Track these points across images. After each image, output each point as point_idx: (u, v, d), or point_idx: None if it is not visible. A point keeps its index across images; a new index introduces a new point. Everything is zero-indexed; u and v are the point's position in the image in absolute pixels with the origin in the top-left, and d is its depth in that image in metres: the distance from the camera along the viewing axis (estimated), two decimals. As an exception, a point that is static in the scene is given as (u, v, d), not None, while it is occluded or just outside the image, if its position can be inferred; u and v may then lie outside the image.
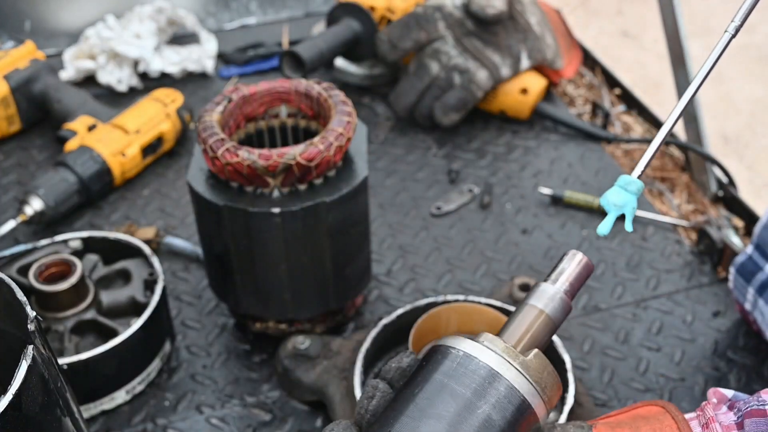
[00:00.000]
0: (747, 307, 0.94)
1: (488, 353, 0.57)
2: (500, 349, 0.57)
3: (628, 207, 0.91)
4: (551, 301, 0.62)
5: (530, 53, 1.34)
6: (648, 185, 1.27)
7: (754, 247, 0.92)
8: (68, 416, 0.58)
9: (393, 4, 1.39)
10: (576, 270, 0.65)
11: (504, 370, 0.57)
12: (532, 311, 0.62)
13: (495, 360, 0.57)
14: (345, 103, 0.87)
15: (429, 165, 1.29)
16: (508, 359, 0.57)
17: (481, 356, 0.57)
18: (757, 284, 0.91)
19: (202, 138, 0.83)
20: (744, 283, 0.93)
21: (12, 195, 1.24)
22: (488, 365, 0.56)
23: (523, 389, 0.57)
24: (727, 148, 2.91)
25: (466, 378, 0.56)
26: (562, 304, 0.63)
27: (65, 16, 1.55)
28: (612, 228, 0.83)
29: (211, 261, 0.93)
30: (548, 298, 0.62)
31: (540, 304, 0.62)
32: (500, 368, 0.57)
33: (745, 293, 0.93)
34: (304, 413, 0.91)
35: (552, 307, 0.62)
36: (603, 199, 0.92)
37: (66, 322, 0.90)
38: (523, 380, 0.57)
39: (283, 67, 1.33)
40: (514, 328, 0.61)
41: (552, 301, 0.62)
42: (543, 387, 0.58)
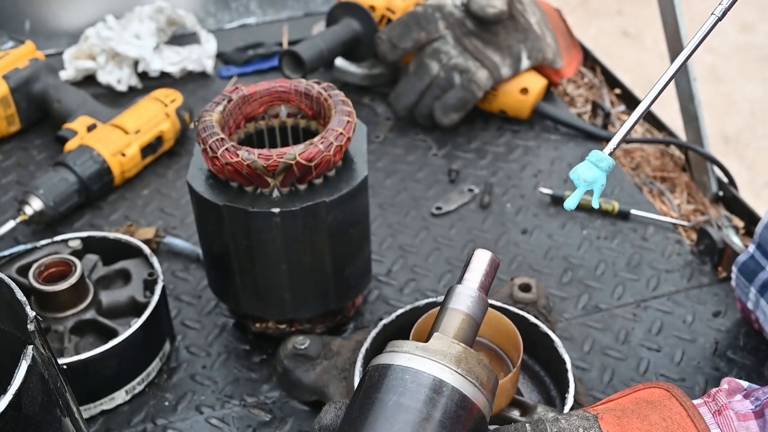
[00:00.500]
0: (749, 306, 0.94)
1: (428, 362, 0.59)
2: (437, 355, 0.59)
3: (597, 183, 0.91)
4: (471, 301, 0.65)
5: (530, 53, 1.34)
6: (648, 185, 1.27)
7: (756, 247, 0.92)
8: (68, 416, 0.58)
9: (393, 4, 1.39)
10: (485, 267, 0.67)
11: (446, 376, 0.59)
12: (456, 315, 0.64)
13: (436, 368, 0.59)
14: (345, 102, 0.87)
15: (429, 165, 1.29)
16: (447, 365, 0.59)
17: (423, 367, 0.59)
18: (759, 284, 0.91)
19: (201, 138, 0.83)
20: (746, 283, 0.93)
21: (12, 195, 1.24)
22: (431, 374, 0.58)
23: (465, 389, 0.59)
24: (728, 148, 2.91)
25: (413, 391, 0.58)
26: (481, 304, 0.65)
27: (65, 16, 1.55)
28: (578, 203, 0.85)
29: (210, 261, 0.93)
30: (467, 299, 0.65)
31: (461, 306, 0.65)
32: (443, 375, 0.59)
33: (747, 292, 0.93)
34: (304, 413, 0.91)
35: (473, 308, 0.65)
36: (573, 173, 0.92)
37: (66, 322, 0.89)
38: (464, 381, 0.59)
39: (282, 66, 1.33)
40: (443, 331, 0.63)
41: (472, 302, 0.65)
42: (481, 382, 0.60)
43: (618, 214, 1.17)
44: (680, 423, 0.56)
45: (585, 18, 3.55)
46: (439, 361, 0.59)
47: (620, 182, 1.24)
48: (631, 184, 1.24)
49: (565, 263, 1.10)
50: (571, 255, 1.11)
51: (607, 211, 1.18)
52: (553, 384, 0.88)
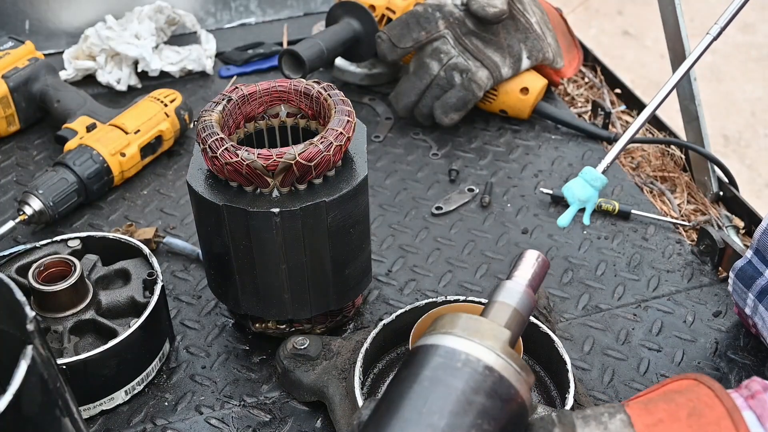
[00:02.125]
0: (747, 311, 0.93)
1: (480, 348, 0.58)
2: (491, 341, 0.58)
3: (590, 202, 0.92)
4: (519, 297, 0.65)
5: (531, 52, 1.33)
6: (648, 185, 1.27)
7: (754, 252, 0.91)
8: (67, 416, 0.58)
9: (393, 3, 1.38)
10: (534, 266, 0.68)
11: (497, 364, 0.57)
12: (504, 308, 0.64)
13: (487, 354, 0.58)
14: (344, 102, 0.87)
15: (429, 165, 1.29)
16: (496, 350, 0.58)
17: (475, 352, 0.57)
18: (757, 290, 0.90)
19: (201, 138, 0.83)
20: (744, 288, 0.92)
21: (11, 195, 1.24)
22: (482, 360, 0.57)
23: (512, 379, 0.58)
24: (728, 147, 2.91)
25: (461, 373, 0.57)
26: (529, 300, 0.65)
27: (65, 16, 1.55)
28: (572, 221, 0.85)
29: (210, 261, 0.93)
30: (517, 294, 0.65)
31: (511, 300, 0.64)
32: (495, 362, 0.57)
33: (745, 298, 0.92)
34: (303, 413, 0.90)
35: (521, 303, 0.65)
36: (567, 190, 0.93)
37: (65, 322, 0.89)
38: (513, 371, 0.58)
39: (282, 66, 1.33)
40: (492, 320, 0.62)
41: (520, 298, 0.65)
42: (528, 372, 0.59)
43: (618, 214, 1.17)
44: (707, 402, 0.56)
45: (585, 18, 3.55)
46: (487, 346, 0.58)
47: (620, 182, 1.24)
48: (632, 184, 1.24)
49: (566, 263, 1.10)
50: (571, 255, 1.11)
51: (608, 211, 1.17)
52: (553, 384, 0.88)
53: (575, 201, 0.90)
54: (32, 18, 1.54)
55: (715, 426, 0.54)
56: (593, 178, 0.89)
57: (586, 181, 0.90)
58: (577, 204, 0.89)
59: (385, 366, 0.91)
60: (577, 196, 0.89)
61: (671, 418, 0.56)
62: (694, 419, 0.55)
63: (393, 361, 0.92)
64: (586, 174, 0.90)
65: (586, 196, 0.89)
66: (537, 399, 0.88)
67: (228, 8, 1.66)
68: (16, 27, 1.53)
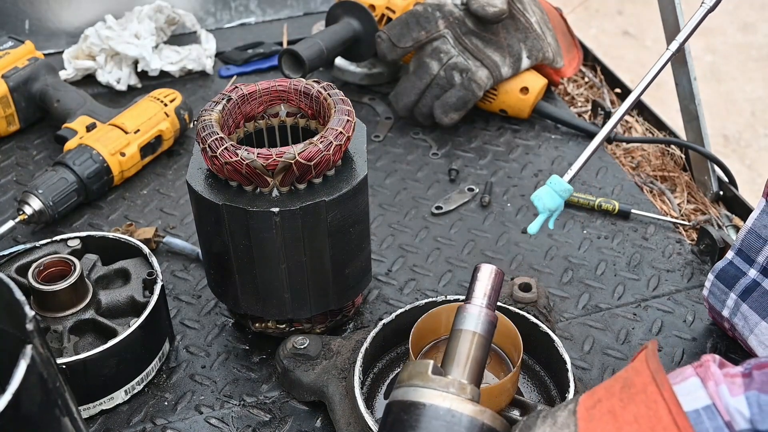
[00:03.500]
0: (725, 313, 0.93)
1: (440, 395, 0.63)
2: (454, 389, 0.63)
3: (557, 210, 0.97)
4: (478, 321, 0.69)
5: (530, 52, 1.33)
6: (648, 185, 1.27)
7: (736, 253, 0.91)
8: (67, 416, 0.58)
9: (393, 3, 1.38)
10: (490, 282, 0.71)
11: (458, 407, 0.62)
12: (466, 336, 0.69)
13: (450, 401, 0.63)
14: (344, 102, 0.87)
15: (429, 165, 1.29)
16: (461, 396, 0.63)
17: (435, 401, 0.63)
18: (740, 289, 0.90)
19: (201, 137, 0.83)
20: (724, 289, 0.92)
21: (11, 195, 1.24)
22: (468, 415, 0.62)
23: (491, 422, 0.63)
24: (728, 147, 2.91)
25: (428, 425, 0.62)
26: (488, 320, 0.70)
27: (65, 16, 1.55)
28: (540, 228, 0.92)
29: (210, 261, 0.93)
30: (475, 318, 0.69)
31: (470, 326, 0.69)
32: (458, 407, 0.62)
33: (725, 299, 0.92)
34: (303, 413, 0.90)
35: (481, 326, 0.69)
36: (537, 199, 0.97)
37: (65, 321, 0.89)
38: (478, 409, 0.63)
39: (282, 66, 1.33)
40: (453, 357, 0.68)
41: (479, 321, 0.69)
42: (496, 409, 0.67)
43: (618, 213, 1.17)
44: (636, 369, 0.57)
45: (585, 17, 3.55)
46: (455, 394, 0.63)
47: (620, 182, 1.24)
48: (632, 184, 1.24)
49: (566, 263, 1.10)
50: (571, 254, 1.11)
51: (608, 210, 1.17)
52: (553, 384, 0.88)
53: (545, 210, 0.95)
54: (32, 18, 1.54)
55: (642, 394, 0.55)
56: (562, 189, 0.94)
57: (555, 192, 0.95)
58: (545, 213, 0.94)
59: (385, 366, 0.91)
60: (547, 206, 0.94)
61: (607, 394, 0.58)
62: (625, 391, 0.57)
63: (393, 360, 0.92)
64: (554, 184, 0.94)
65: (555, 205, 0.94)
66: (537, 398, 0.88)
67: (228, 8, 1.66)
68: (16, 27, 1.53)
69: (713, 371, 0.56)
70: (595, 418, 0.57)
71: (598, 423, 0.56)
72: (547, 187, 0.95)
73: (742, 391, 0.55)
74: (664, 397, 0.54)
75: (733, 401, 0.54)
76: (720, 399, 0.55)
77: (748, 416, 0.53)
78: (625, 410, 0.55)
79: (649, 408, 0.54)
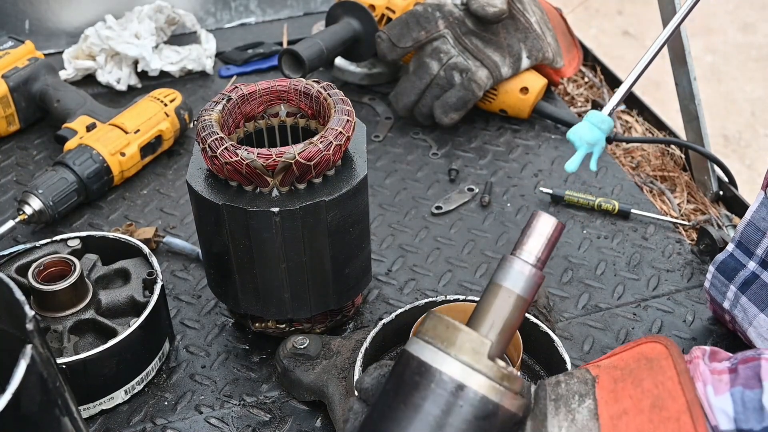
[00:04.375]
0: (726, 305, 0.93)
1: (453, 364, 0.56)
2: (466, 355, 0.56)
3: (598, 145, 0.88)
4: (520, 278, 0.60)
5: (530, 52, 1.33)
6: (648, 185, 1.27)
7: (736, 245, 0.92)
8: (67, 416, 0.58)
9: (393, 3, 1.38)
10: (543, 236, 0.61)
11: (471, 381, 0.55)
12: (501, 293, 0.59)
13: (460, 371, 0.56)
14: (344, 102, 0.87)
15: (429, 165, 1.29)
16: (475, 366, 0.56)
17: (447, 369, 0.56)
18: (739, 281, 0.91)
19: (201, 137, 0.83)
20: (725, 281, 0.93)
21: (11, 194, 1.24)
22: (454, 378, 0.55)
23: (490, 394, 0.56)
24: (728, 147, 2.91)
25: (434, 395, 0.55)
26: (533, 280, 0.60)
27: (65, 16, 1.55)
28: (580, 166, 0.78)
29: (210, 261, 0.93)
30: (517, 274, 0.60)
31: (509, 283, 0.60)
32: (467, 379, 0.55)
33: (725, 291, 0.93)
34: (303, 413, 0.90)
35: (522, 285, 0.60)
36: (573, 134, 0.88)
37: (65, 321, 0.89)
38: (490, 385, 0.56)
39: (282, 66, 1.33)
40: (484, 316, 0.59)
41: (521, 279, 0.60)
42: (511, 379, 0.56)
43: (618, 213, 1.17)
44: (670, 391, 0.55)
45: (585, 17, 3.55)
46: (463, 361, 0.56)
47: (620, 181, 1.24)
48: (632, 184, 1.24)
49: (566, 263, 1.10)
50: (571, 254, 1.11)
51: (608, 210, 1.17)
52: (554, 384, 0.88)
53: (582, 144, 0.85)
54: (32, 18, 1.54)
55: (675, 423, 0.54)
56: (600, 120, 0.85)
57: (593, 124, 0.86)
58: (584, 147, 0.85)
59: (384, 365, 0.91)
60: (585, 138, 0.84)
61: (635, 408, 0.56)
62: (655, 412, 0.55)
63: (393, 360, 0.92)
64: (592, 117, 0.86)
65: (594, 139, 0.84)
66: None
67: (228, 8, 1.66)
68: (16, 27, 1.53)
69: (701, 370, 0.56)
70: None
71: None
72: (584, 121, 0.89)
73: (727, 388, 0.55)
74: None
75: (717, 401, 0.54)
76: (707, 400, 0.54)
77: (732, 415, 0.53)
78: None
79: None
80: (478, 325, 0.59)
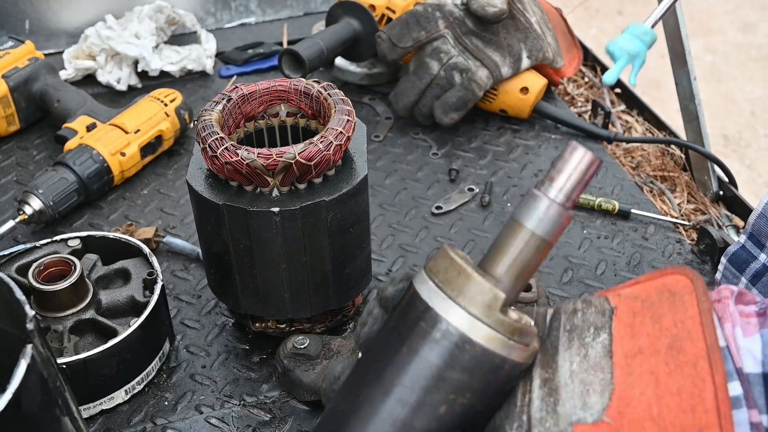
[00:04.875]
0: None
1: (462, 316, 0.52)
2: (477, 308, 0.52)
3: (638, 58, 0.82)
4: (544, 217, 0.53)
5: (530, 52, 1.33)
6: (648, 185, 1.27)
7: (748, 237, 0.91)
8: (67, 416, 0.58)
9: (393, 3, 1.39)
10: (576, 172, 0.53)
11: (478, 335, 0.52)
12: (522, 233, 0.54)
13: (468, 324, 0.52)
14: (344, 102, 0.87)
15: (429, 164, 1.29)
16: (482, 318, 0.52)
17: (455, 320, 0.52)
18: (750, 273, 0.91)
19: (201, 137, 0.83)
20: (736, 273, 0.92)
21: (11, 194, 1.24)
22: (461, 331, 0.52)
23: (498, 349, 0.52)
24: (728, 147, 2.91)
25: (439, 346, 0.52)
26: (557, 220, 0.53)
27: (65, 16, 1.55)
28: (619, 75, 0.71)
29: (210, 261, 0.93)
30: (541, 213, 0.53)
31: (531, 223, 0.53)
32: (474, 333, 0.52)
33: (736, 283, 0.93)
34: (303, 413, 0.90)
35: (544, 226, 0.53)
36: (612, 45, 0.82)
37: (65, 321, 0.89)
38: (499, 339, 0.52)
39: (282, 66, 1.33)
40: (501, 256, 0.54)
41: (545, 219, 0.53)
42: (522, 333, 0.53)
43: (618, 213, 1.17)
44: (690, 331, 0.52)
45: (585, 17, 3.55)
46: (473, 313, 0.52)
47: (620, 181, 1.24)
48: (632, 184, 1.24)
49: (566, 263, 1.10)
50: (571, 254, 1.11)
51: (608, 210, 1.17)
52: (554, 383, 0.88)
53: (623, 55, 0.80)
54: (32, 18, 1.54)
55: (692, 368, 0.51)
56: (642, 32, 0.81)
57: (634, 35, 0.82)
58: (625, 59, 0.80)
59: (385, 365, 0.91)
60: (626, 49, 0.79)
61: (651, 348, 0.53)
62: (672, 355, 0.52)
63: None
64: (634, 28, 0.82)
65: (635, 50, 0.79)
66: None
67: (228, 8, 1.66)
68: (16, 27, 1.53)
69: (731, 311, 0.53)
70: (635, 373, 0.52)
71: (637, 381, 0.52)
72: (625, 32, 0.85)
73: (756, 330, 0.52)
74: (714, 381, 0.50)
75: (745, 342, 0.52)
76: (734, 342, 0.52)
77: (759, 358, 0.51)
78: (669, 378, 0.51)
79: (695, 386, 0.51)
80: (493, 266, 0.55)
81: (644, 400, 0.51)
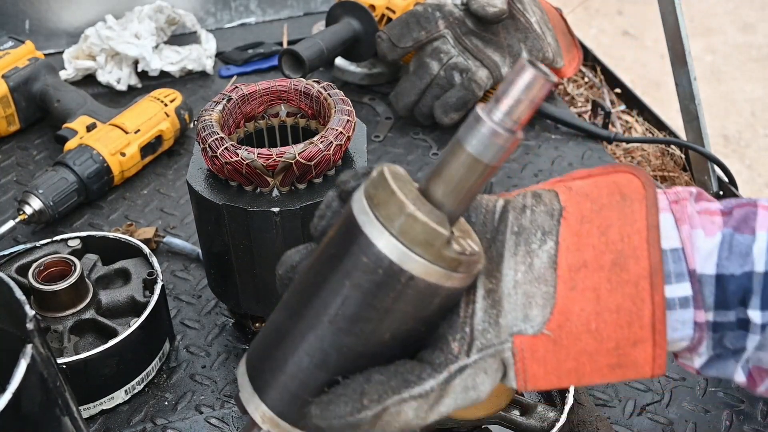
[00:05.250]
0: None
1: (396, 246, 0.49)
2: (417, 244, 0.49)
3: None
4: (488, 143, 0.49)
5: (530, 52, 1.33)
6: (648, 185, 1.26)
7: None
8: (67, 416, 0.58)
9: (393, 3, 1.39)
10: (524, 94, 0.49)
11: (406, 262, 0.49)
12: (463, 156, 0.50)
13: (397, 252, 0.49)
14: (344, 102, 0.87)
15: (429, 165, 1.29)
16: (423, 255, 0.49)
17: (383, 247, 0.50)
18: None
19: (201, 137, 0.83)
20: None
21: (11, 194, 1.24)
22: (389, 258, 0.50)
23: (436, 280, 0.50)
24: (728, 148, 2.91)
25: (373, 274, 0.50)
26: (501, 146, 0.50)
27: (65, 16, 1.55)
28: None
29: (210, 261, 0.93)
30: (485, 139, 0.49)
31: (474, 148, 0.50)
32: (402, 261, 0.49)
33: None
34: (303, 413, 0.90)
35: (487, 151, 0.50)
36: None
37: (65, 321, 0.89)
38: (436, 272, 0.50)
39: (282, 66, 1.33)
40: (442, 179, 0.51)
41: (488, 144, 0.50)
42: (464, 264, 0.50)
43: (618, 213, 1.17)
44: (635, 248, 0.51)
45: (585, 17, 3.55)
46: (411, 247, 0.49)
47: (620, 182, 1.24)
48: (632, 184, 1.24)
49: (566, 263, 1.10)
50: (571, 254, 1.11)
51: (608, 210, 1.17)
52: (554, 383, 0.88)
53: None
54: (32, 18, 1.54)
55: (633, 287, 0.51)
56: None
57: None
58: None
59: (385, 365, 0.91)
60: None
61: (596, 263, 0.52)
62: (615, 272, 0.51)
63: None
64: None
65: None
66: (537, 398, 0.88)
67: (228, 8, 1.66)
68: (16, 27, 1.53)
69: (690, 213, 0.53)
70: (577, 288, 0.52)
71: (579, 296, 0.51)
72: None
73: (718, 229, 0.52)
74: (653, 301, 0.51)
75: (705, 242, 0.52)
76: (691, 243, 0.52)
77: (715, 259, 0.51)
78: (610, 296, 0.51)
79: (635, 305, 0.51)
80: (435, 188, 0.52)
81: (584, 315, 0.51)
